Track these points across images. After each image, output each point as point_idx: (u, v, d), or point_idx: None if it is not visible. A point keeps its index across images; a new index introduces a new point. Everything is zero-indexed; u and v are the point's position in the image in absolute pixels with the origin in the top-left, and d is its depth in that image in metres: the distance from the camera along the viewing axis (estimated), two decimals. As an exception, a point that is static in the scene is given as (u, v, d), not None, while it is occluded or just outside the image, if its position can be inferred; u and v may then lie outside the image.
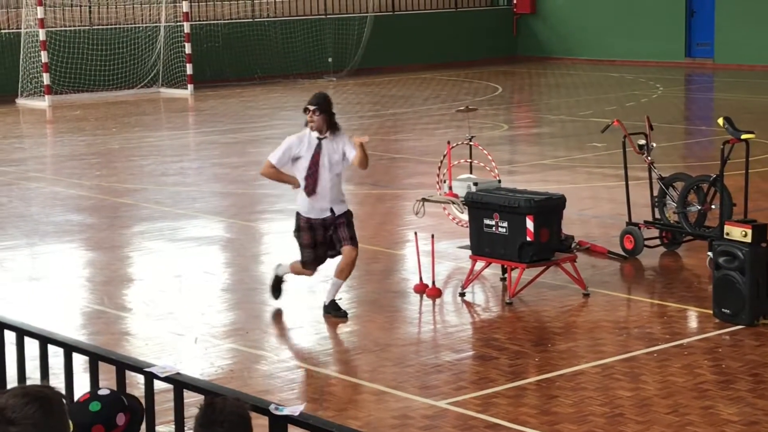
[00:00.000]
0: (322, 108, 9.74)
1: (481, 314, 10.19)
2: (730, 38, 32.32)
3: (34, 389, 3.62)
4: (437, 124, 22.05)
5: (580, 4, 35.52)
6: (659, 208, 11.91)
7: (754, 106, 23.90)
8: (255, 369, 8.63)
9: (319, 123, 9.74)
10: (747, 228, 9.34)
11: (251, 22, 32.19)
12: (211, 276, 11.43)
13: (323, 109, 9.74)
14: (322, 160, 9.71)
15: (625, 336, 9.18)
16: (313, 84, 30.84)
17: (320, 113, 9.72)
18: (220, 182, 16.91)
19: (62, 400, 3.85)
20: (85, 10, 30.18)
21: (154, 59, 29.88)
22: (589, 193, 15.08)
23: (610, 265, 11.45)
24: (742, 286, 9.23)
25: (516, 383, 8.13)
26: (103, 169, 18.12)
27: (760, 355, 8.66)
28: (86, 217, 14.50)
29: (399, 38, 34.53)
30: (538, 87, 29.82)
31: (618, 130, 12.29)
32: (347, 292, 10.71)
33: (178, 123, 24.70)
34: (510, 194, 10.32)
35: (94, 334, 9.53)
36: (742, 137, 10.91)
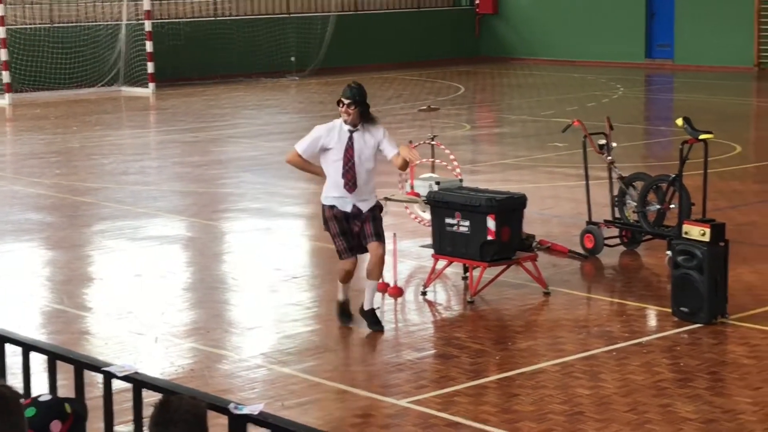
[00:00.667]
0: (357, 101, 9.20)
1: (443, 313, 10.21)
2: (689, 39, 32.54)
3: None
4: (400, 124, 22.07)
5: (543, 5, 35.66)
6: (619, 208, 11.98)
7: (713, 107, 24.08)
8: (215, 368, 8.61)
9: (354, 117, 9.22)
10: (705, 227, 9.41)
11: (213, 21, 32.09)
12: (171, 275, 11.40)
13: (359, 102, 9.20)
14: (356, 155, 9.25)
15: (584, 334, 9.23)
16: (276, 83, 30.81)
17: (355, 107, 9.20)
18: (181, 181, 16.85)
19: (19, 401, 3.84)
20: (46, 8, 29.99)
21: (116, 57, 29.73)
22: (550, 192, 15.14)
23: (570, 264, 11.51)
24: (701, 285, 9.30)
25: (477, 382, 8.16)
26: (64, 167, 18.02)
27: (718, 353, 8.73)
28: (46, 215, 14.41)
29: (362, 37, 34.54)
30: (500, 87, 29.91)
31: (579, 130, 12.36)
32: (309, 291, 10.72)
33: (139, 121, 24.60)
34: (472, 193, 10.35)
35: (53, 334, 9.48)
36: (701, 137, 10.99)
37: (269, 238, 12.98)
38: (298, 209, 14.81)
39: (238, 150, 19.64)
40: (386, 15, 35.57)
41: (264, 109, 25.37)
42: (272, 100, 27.04)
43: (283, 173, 17.27)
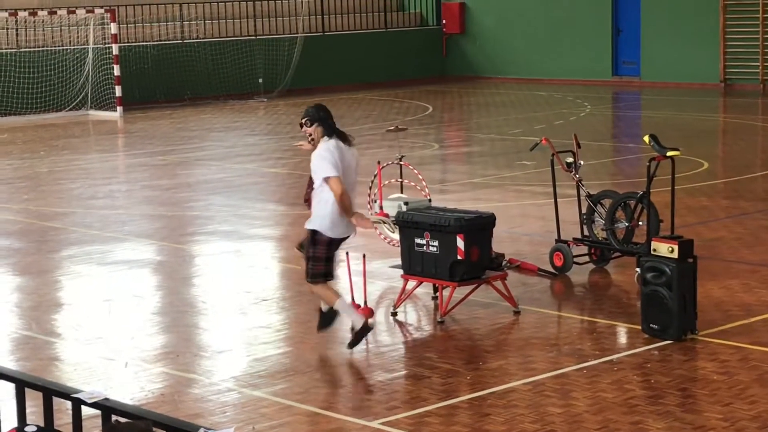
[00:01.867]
0: (313, 118, 9.29)
1: (414, 333, 10.21)
2: (656, 56, 32.76)
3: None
4: (368, 144, 22.08)
5: (508, 24, 35.83)
6: (588, 225, 12.02)
7: (680, 124, 24.23)
8: (186, 392, 8.57)
9: (318, 134, 9.28)
10: (674, 244, 9.45)
11: (180, 44, 32.06)
12: (140, 299, 11.35)
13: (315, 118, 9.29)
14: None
15: (555, 353, 9.25)
16: (244, 105, 30.78)
17: (311, 123, 9.30)
18: (149, 204, 16.80)
19: None
20: (12, 33, 29.87)
21: (83, 81, 29.65)
22: (518, 211, 15.18)
23: (540, 283, 11.53)
24: (670, 302, 9.33)
25: (448, 402, 8.15)
26: (31, 192, 17.93)
27: (688, 369, 8.76)
28: (13, 241, 14.32)
29: (329, 58, 34.58)
30: (468, 106, 30.00)
31: (547, 148, 12.40)
32: (279, 313, 10.69)
33: (107, 145, 24.52)
34: (440, 213, 10.36)
35: (22, 360, 9.41)
36: (668, 154, 11.05)
37: (238, 261, 12.94)
38: (267, 231, 14.78)
39: (206, 172, 19.60)
40: (353, 36, 35.64)
41: (232, 131, 25.34)
42: (240, 122, 27.01)
43: (252, 195, 17.26)
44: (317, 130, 9.33)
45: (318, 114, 9.34)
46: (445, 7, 37.18)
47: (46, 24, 30.04)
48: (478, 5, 36.60)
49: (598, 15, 33.82)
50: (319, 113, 9.34)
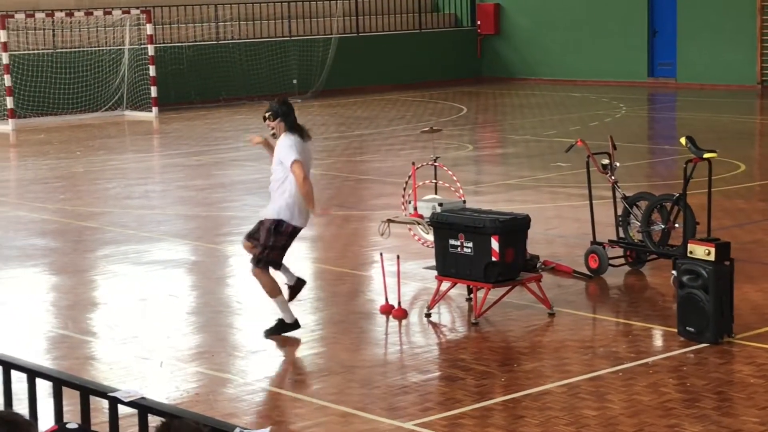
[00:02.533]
0: (276, 113, 9.72)
1: (447, 335, 10.19)
2: (692, 58, 32.59)
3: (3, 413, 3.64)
4: (402, 145, 22.09)
5: (543, 25, 35.73)
6: (623, 227, 11.96)
7: (717, 125, 24.09)
8: (220, 392, 8.59)
9: (279, 128, 9.78)
10: (710, 246, 9.40)
11: (216, 45, 32.17)
12: (176, 299, 11.39)
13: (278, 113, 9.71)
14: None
15: (590, 355, 9.21)
16: (278, 106, 30.77)
17: (275, 118, 9.73)
18: (185, 205, 16.86)
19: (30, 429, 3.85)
20: (49, 33, 30.06)
21: (119, 82, 29.80)
22: (553, 212, 15.14)
23: (575, 285, 11.49)
24: (706, 305, 9.28)
25: (482, 404, 8.14)
26: (67, 192, 18.04)
27: (725, 372, 8.70)
28: (50, 241, 14.41)
29: (364, 59, 34.60)
30: (503, 107, 29.94)
31: (582, 149, 12.35)
32: (313, 313, 10.70)
33: (142, 146, 24.64)
34: (475, 214, 10.34)
35: (58, 359, 9.47)
36: (705, 156, 10.98)
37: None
38: (303, 232, 14.78)
39: (241, 173, 19.65)
40: (388, 37, 35.64)
41: (267, 132, 25.33)
42: (275, 123, 27.00)
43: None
44: (279, 125, 9.76)
45: (281, 109, 9.76)
46: (479, 8, 37.12)
47: (83, 25, 30.22)
48: (513, 6, 36.52)
49: (634, 16, 33.67)
50: (282, 108, 9.77)
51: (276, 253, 9.76)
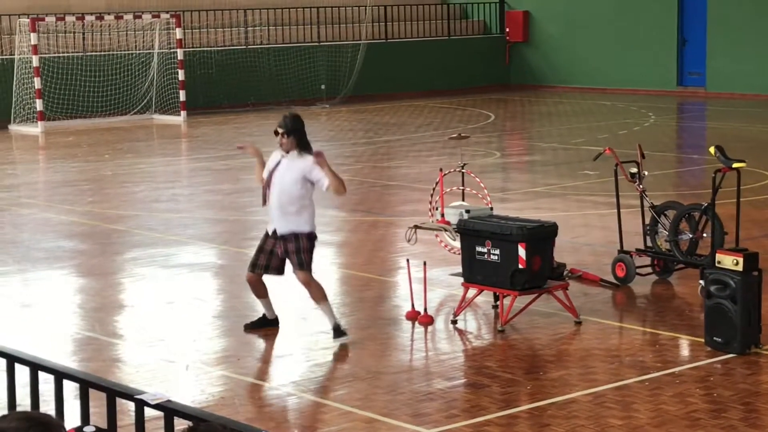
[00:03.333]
0: (290, 130, 9.87)
1: (473, 342, 10.18)
2: (721, 67, 32.46)
3: (36, 414, 3.66)
4: (430, 152, 22.08)
5: (572, 33, 35.67)
6: (651, 236, 11.92)
7: (746, 135, 23.97)
8: (246, 396, 8.60)
9: (288, 146, 9.91)
10: (738, 256, 9.35)
11: (244, 49, 32.26)
12: (202, 303, 11.42)
13: (292, 130, 9.87)
14: (276, 177, 9.89)
15: (617, 364, 9.17)
16: (306, 111, 30.88)
17: (288, 136, 9.87)
18: (212, 209, 16.90)
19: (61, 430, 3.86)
20: (79, 37, 30.22)
21: (147, 86, 29.93)
22: (581, 220, 15.09)
23: (602, 293, 11.45)
24: (734, 315, 9.23)
25: (508, 411, 8.11)
26: (95, 195, 18.11)
27: (752, 383, 8.65)
28: (78, 243, 14.48)
29: (392, 66, 34.62)
30: (531, 115, 29.89)
31: (610, 158, 12.32)
32: (339, 319, 10.69)
33: (170, 149, 24.72)
34: (502, 222, 10.32)
35: (84, 361, 9.50)
36: (734, 166, 10.93)
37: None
38: (328, 237, 14.80)
39: (268, 178, 19.65)
40: (416, 43, 35.65)
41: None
42: (303, 128, 27.06)
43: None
44: (291, 142, 9.93)
45: (294, 126, 9.98)
46: (508, 16, 37.09)
47: (113, 28, 30.37)
48: (542, 14, 36.48)
49: (664, 25, 33.57)
50: (296, 124, 9.99)
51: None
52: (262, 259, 10.02)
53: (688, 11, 33.37)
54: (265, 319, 10.31)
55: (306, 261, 9.83)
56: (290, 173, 9.84)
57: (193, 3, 32.97)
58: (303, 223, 9.86)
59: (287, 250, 9.84)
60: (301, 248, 9.81)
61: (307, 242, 9.85)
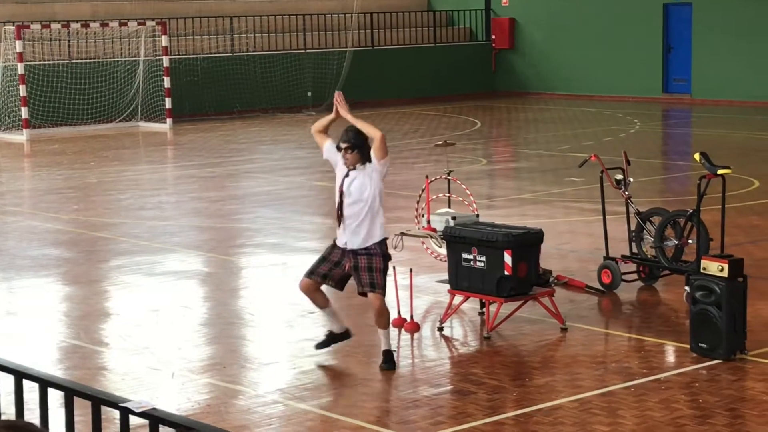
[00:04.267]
0: (354, 145, 9.25)
1: (460, 348, 10.18)
2: (707, 74, 32.56)
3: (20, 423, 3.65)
4: (416, 159, 22.10)
5: (558, 40, 35.74)
6: (636, 243, 11.94)
7: (731, 142, 24.05)
8: (232, 404, 8.59)
9: (354, 160, 9.28)
10: (724, 263, 9.37)
11: (230, 57, 32.25)
12: (188, 310, 11.40)
13: (356, 145, 9.26)
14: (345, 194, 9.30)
15: (602, 370, 9.18)
16: (293, 118, 30.90)
17: (353, 151, 9.25)
18: (198, 216, 16.88)
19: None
20: (64, 44, 30.18)
21: (133, 93, 29.89)
22: (566, 227, 15.12)
23: (587, 300, 11.47)
24: (719, 321, 9.25)
25: (494, 418, 8.12)
26: (81, 203, 18.08)
27: (737, 389, 8.67)
28: (63, 251, 14.44)
29: (378, 72, 34.65)
30: (517, 122, 29.94)
31: (596, 164, 12.34)
32: (325, 326, 10.69)
33: (156, 157, 24.69)
34: (488, 228, 10.33)
35: (70, 369, 9.48)
36: (719, 172, 10.96)
37: (285, 273, 12.97)
38: (315, 244, 14.79)
39: (254, 185, 19.68)
40: (402, 50, 35.68)
41: (280, 144, 25.44)
42: (289, 135, 27.11)
43: (300, 208, 17.31)
44: (356, 157, 9.29)
45: (358, 141, 9.30)
46: (494, 23, 37.16)
47: (98, 36, 30.34)
48: (528, 21, 36.56)
49: (649, 32, 33.67)
50: (359, 140, 9.31)
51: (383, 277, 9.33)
52: (324, 268, 9.42)
53: (674, 18, 33.47)
54: (333, 335, 9.74)
55: (378, 282, 9.23)
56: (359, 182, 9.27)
57: (178, 10, 32.96)
58: (376, 236, 9.29)
59: (357, 266, 9.26)
60: (374, 267, 9.24)
61: (381, 261, 9.24)
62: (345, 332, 9.77)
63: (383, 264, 9.26)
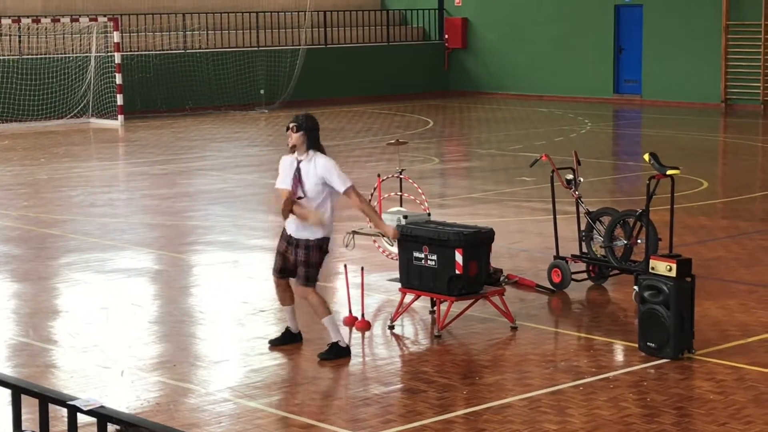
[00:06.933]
0: (300, 127, 9.37)
1: (410, 347, 10.20)
2: (657, 75, 32.83)
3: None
4: (368, 157, 22.12)
5: (511, 40, 35.90)
6: (586, 242, 12.02)
7: (681, 143, 24.27)
8: (182, 402, 8.56)
9: (296, 142, 9.40)
10: (672, 262, 9.46)
11: (183, 54, 32.12)
12: (138, 308, 11.34)
13: (302, 128, 9.37)
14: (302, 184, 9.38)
15: (552, 369, 9.24)
16: (245, 116, 30.81)
17: (298, 131, 9.37)
18: (149, 213, 16.81)
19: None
20: (15, 40, 29.92)
21: (85, 89, 29.69)
22: (517, 226, 15.19)
23: (537, 299, 11.53)
24: (667, 320, 9.34)
25: (444, 416, 8.15)
26: (31, 199, 17.94)
27: (685, 388, 8.76)
28: (12, 248, 14.33)
29: (331, 71, 34.64)
30: (469, 121, 30.03)
31: (547, 164, 12.41)
32: (275, 324, 10.69)
33: (107, 154, 24.54)
34: (439, 227, 10.36)
35: (18, 367, 9.41)
36: (668, 173, 11.06)
37: (237, 271, 12.94)
38: (266, 242, 14.78)
39: (206, 182, 19.62)
40: (356, 49, 35.70)
41: (233, 142, 25.37)
42: (241, 133, 27.04)
43: (251, 206, 17.27)
44: (302, 139, 9.45)
45: (307, 123, 9.48)
46: (447, 22, 37.26)
47: (49, 31, 30.11)
48: (481, 21, 36.69)
49: (600, 33, 33.90)
50: (308, 123, 9.49)
51: (317, 271, 9.59)
52: (277, 262, 9.72)
53: (624, 19, 33.72)
54: (289, 333, 9.95)
55: (312, 276, 9.50)
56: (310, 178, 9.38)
57: (131, 6, 32.78)
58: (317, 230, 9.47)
59: (297, 258, 9.52)
60: (311, 261, 9.48)
61: (317, 254, 9.47)
62: (299, 334, 9.97)
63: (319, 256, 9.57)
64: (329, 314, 9.63)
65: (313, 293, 9.58)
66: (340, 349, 9.56)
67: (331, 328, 9.60)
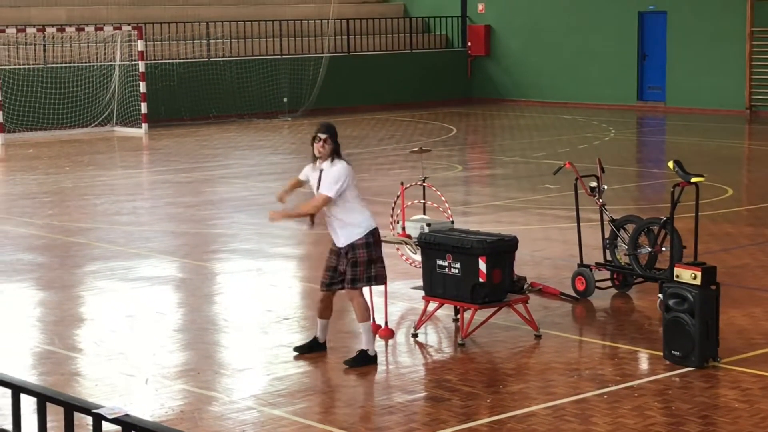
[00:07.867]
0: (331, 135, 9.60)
1: (434, 355, 10.20)
2: (681, 82, 32.73)
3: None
4: (391, 165, 22.12)
5: (534, 48, 35.86)
6: (610, 250, 11.99)
7: (705, 150, 24.18)
8: (206, 410, 8.58)
9: (328, 152, 9.61)
10: (696, 270, 9.42)
11: (206, 62, 32.21)
12: (162, 316, 11.38)
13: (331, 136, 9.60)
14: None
15: (576, 377, 9.22)
16: (268, 124, 30.87)
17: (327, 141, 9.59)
18: (173, 221, 16.85)
19: None
20: (40, 49, 30.08)
21: (109, 98, 29.82)
22: (541, 234, 15.16)
23: (561, 307, 11.51)
24: (692, 329, 9.30)
25: (468, 425, 8.14)
26: (56, 207, 18.02)
27: (710, 397, 8.72)
28: (37, 256, 14.39)
29: (354, 79, 34.67)
30: (492, 128, 30.01)
31: (570, 172, 12.39)
32: (300, 332, 10.70)
33: (131, 162, 24.63)
34: (463, 235, 10.35)
35: (43, 375, 9.45)
36: (692, 180, 11.02)
37: (260, 279, 12.97)
38: (290, 250, 14.82)
39: (230, 190, 19.66)
40: (379, 56, 35.73)
41: (256, 150, 25.42)
42: (264, 141, 27.10)
43: (275, 214, 17.27)
44: (329, 148, 9.65)
45: (331, 131, 9.68)
46: (470, 30, 37.25)
47: (74, 40, 30.25)
48: (504, 28, 36.66)
49: (624, 40, 33.82)
50: (333, 130, 9.70)
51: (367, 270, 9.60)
52: (324, 276, 9.74)
53: (648, 26, 33.63)
54: (316, 342, 9.98)
55: (358, 277, 9.55)
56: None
57: (154, 15, 32.90)
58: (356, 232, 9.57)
59: (347, 264, 9.56)
60: (358, 260, 9.55)
61: (365, 252, 9.52)
62: (323, 344, 10.01)
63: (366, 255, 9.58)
64: (368, 321, 9.62)
65: (360, 296, 9.64)
66: (368, 358, 9.57)
67: (366, 335, 9.60)
